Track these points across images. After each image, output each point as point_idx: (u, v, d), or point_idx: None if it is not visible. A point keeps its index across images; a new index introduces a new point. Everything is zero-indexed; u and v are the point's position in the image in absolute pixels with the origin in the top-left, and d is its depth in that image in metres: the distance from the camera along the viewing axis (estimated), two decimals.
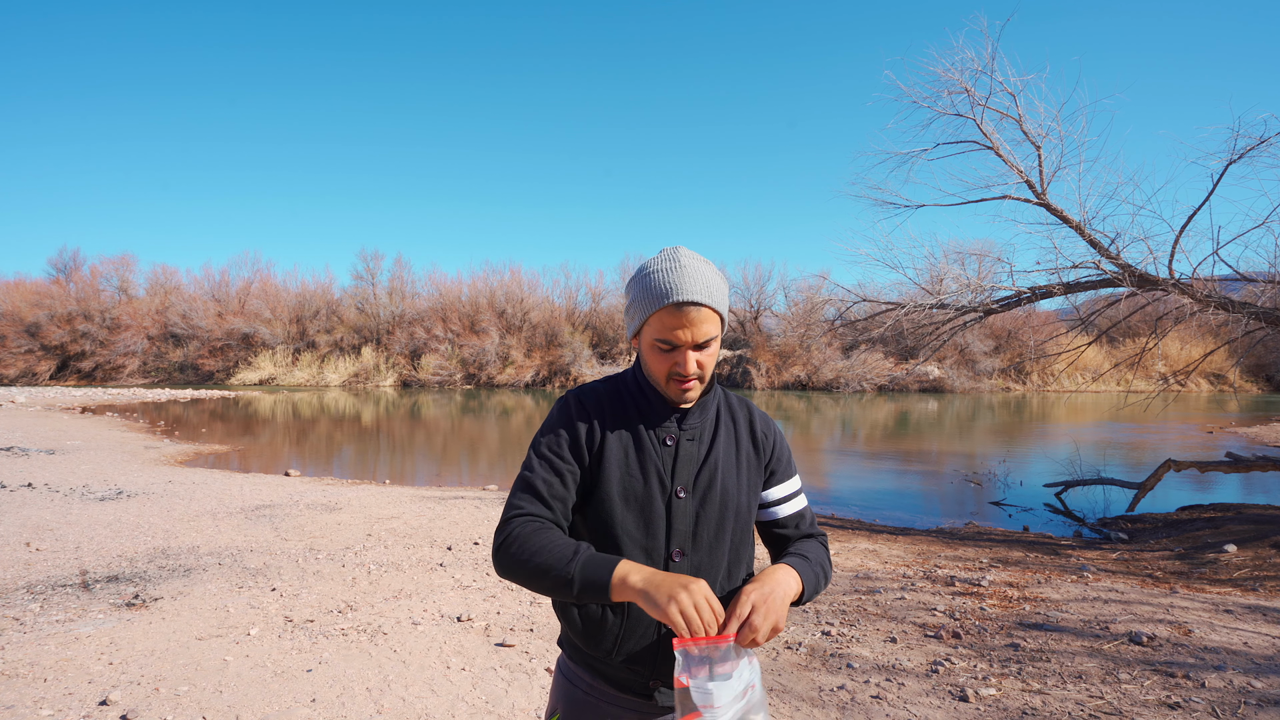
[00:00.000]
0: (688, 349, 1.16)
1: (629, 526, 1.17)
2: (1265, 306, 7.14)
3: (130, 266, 54.62)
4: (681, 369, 1.16)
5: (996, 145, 7.85)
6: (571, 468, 1.19)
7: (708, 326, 1.16)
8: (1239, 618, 3.99)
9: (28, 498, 7.81)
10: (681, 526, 1.18)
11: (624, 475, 1.18)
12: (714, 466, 1.22)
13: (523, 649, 3.65)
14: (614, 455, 1.19)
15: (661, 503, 1.18)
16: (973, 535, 7.56)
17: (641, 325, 1.20)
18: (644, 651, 1.16)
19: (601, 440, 1.20)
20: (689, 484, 1.20)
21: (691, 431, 1.23)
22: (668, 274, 1.15)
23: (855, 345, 34.74)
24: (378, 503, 8.06)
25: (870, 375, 41.01)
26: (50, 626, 3.86)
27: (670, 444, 1.21)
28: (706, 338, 1.16)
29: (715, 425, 1.26)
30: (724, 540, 1.22)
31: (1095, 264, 7.52)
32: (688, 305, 1.14)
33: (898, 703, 3.01)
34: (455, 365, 45.66)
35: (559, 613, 1.25)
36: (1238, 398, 34.70)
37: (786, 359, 44.21)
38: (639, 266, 1.23)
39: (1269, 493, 10.32)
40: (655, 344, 1.17)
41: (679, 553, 1.18)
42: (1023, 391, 42.56)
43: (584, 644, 1.19)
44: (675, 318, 1.14)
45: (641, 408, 1.23)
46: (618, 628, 1.15)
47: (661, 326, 1.15)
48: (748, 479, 1.26)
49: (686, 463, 1.20)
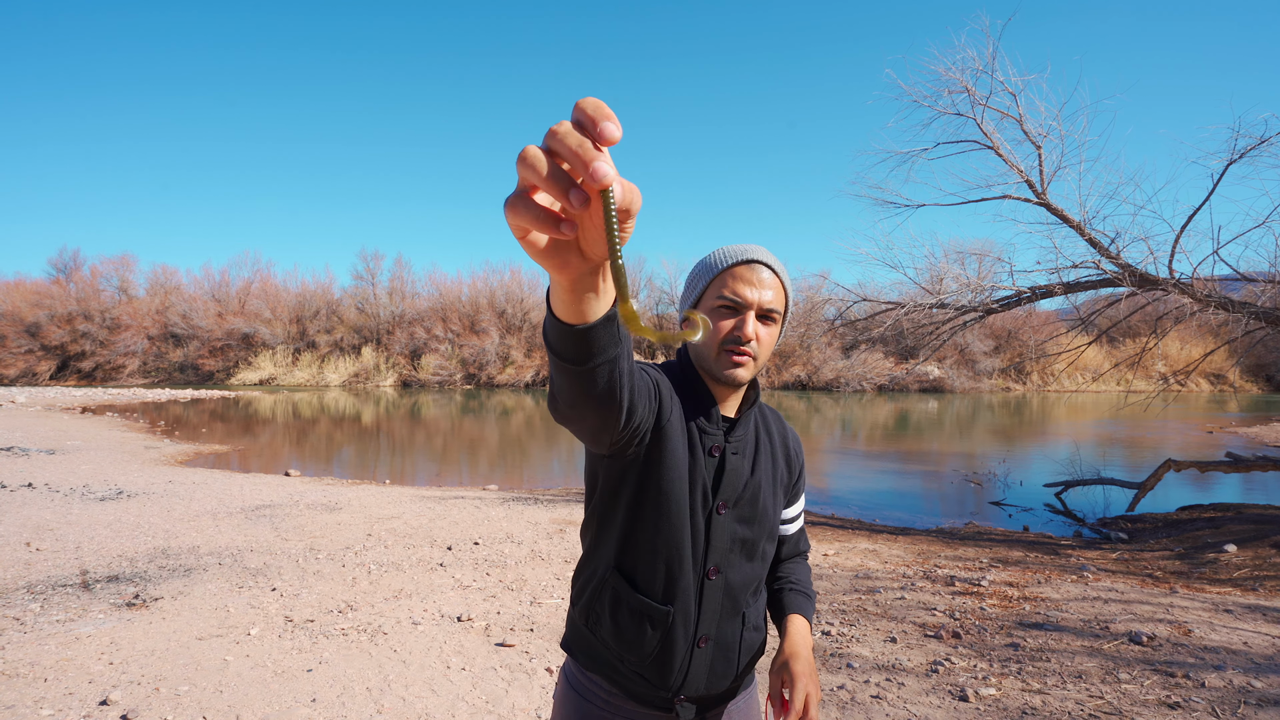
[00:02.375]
0: (751, 311, 1.10)
1: (667, 535, 1.09)
2: (1265, 306, 7.14)
3: (130, 266, 54.79)
4: (741, 331, 1.09)
5: (997, 145, 7.86)
6: (667, 393, 1.08)
7: (774, 295, 1.12)
8: (1239, 617, 4.00)
9: (28, 498, 7.81)
10: (720, 544, 1.13)
11: (675, 478, 1.09)
12: (757, 486, 1.17)
13: (523, 649, 3.65)
14: (674, 449, 1.08)
15: (702, 517, 1.12)
16: (973, 535, 7.56)
17: (703, 291, 1.15)
18: (678, 668, 1.12)
19: (669, 421, 1.09)
20: (731, 501, 1.14)
21: (737, 444, 1.16)
22: (738, 245, 1.15)
23: (855, 345, 34.72)
24: (378, 503, 8.06)
25: (870, 375, 41.01)
26: (50, 626, 3.86)
27: (715, 455, 1.13)
28: (771, 306, 1.12)
29: (756, 440, 1.21)
30: (756, 559, 1.19)
31: (1095, 264, 7.52)
32: (757, 263, 1.12)
33: (897, 702, 3.01)
34: (455, 365, 45.68)
35: (585, 611, 1.16)
36: (1238, 398, 34.70)
37: (786, 359, 44.20)
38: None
39: (1269, 493, 10.31)
40: (716, 306, 1.11)
41: (715, 570, 1.13)
42: (1023, 391, 42.55)
43: (617, 647, 1.12)
44: (744, 274, 1.11)
45: (685, 400, 1.14)
46: (656, 643, 1.10)
47: (726, 285, 1.11)
48: (778, 498, 1.24)
49: (732, 479, 1.14)
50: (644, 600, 1.09)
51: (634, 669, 1.12)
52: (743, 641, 1.19)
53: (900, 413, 27.93)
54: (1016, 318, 30.75)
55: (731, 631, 1.17)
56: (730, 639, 1.17)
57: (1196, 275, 7.25)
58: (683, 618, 1.10)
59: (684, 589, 1.10)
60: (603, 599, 1.13)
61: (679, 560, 1.09)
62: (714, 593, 1.13)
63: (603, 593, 1.13)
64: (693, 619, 1.11)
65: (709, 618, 1.13)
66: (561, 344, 0.72)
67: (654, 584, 1.10)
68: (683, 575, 1.10)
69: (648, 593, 1.10)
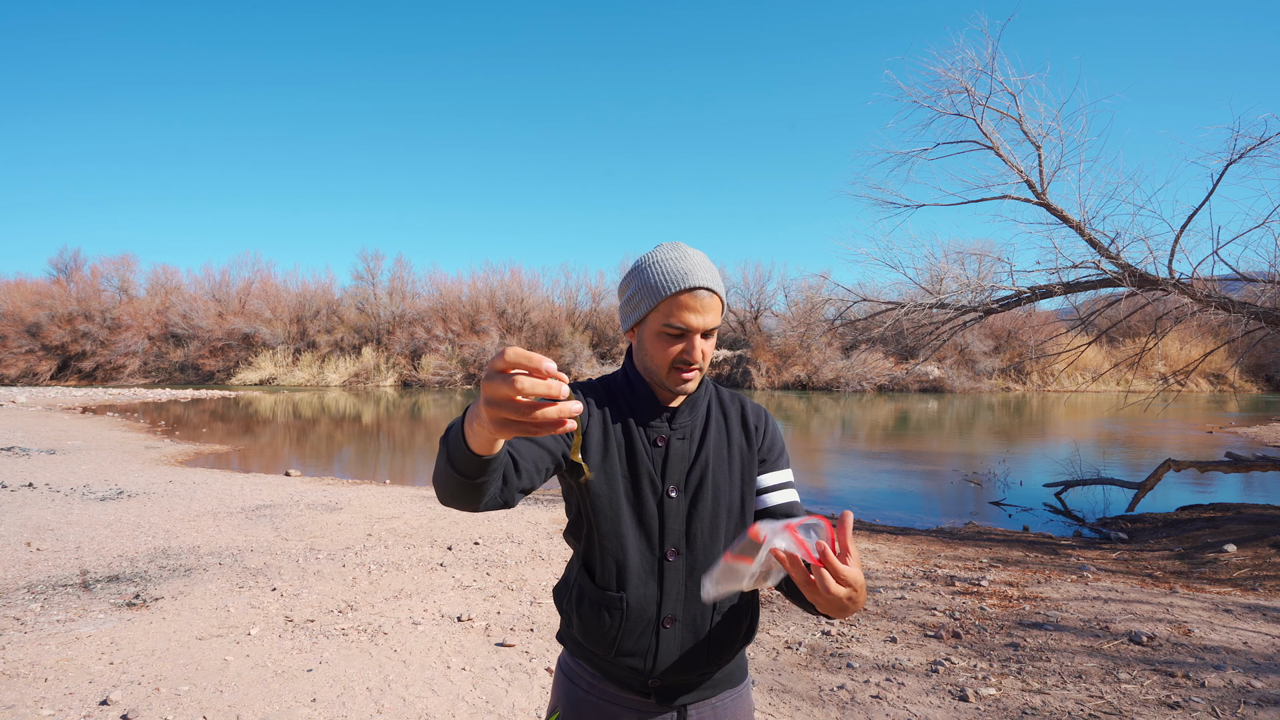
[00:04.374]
0: (697, 335, 1.16)
1: (623, 526, 1.17)
2: (1265, 306, 7.14)
3: (131, 266, 54.76)
4: (689, 355, 1.16)
5: (996, 145, 7.86)
6: (557, 443, 1.14)
7: (714, 315, 1.17)
8: (1239, 617, 4.00)
9: (28, 498, 7.81)
10: (674, 526, 1.19)
11: (614, 476, 1.18)
12: (705, 464, 1.22)
13: (523, 649, 3.65)
14: (594, 459, 1.17)
15: (653, 502, 1.18)
16: (972, 535, 7.56)
17: (647, 314, 1.18)
18: (643, 650, 1.17)
19: (588, 439, 1.19)
20: (680, 483, 1.20)
21: (682, 430, 1.23)
22: (677, 262, 1.15)
23: (855, 345, 34.72)
24: (378, 503, 8.06)
25: (870, 375, 41.01)
26: (51, 626, 3.86)
27: (661, 445, 1.20)
28: (713, 325, 1.17)
29: (706, 422, 1.26)
30: (719, 538, 1.22)
31: (1095, 264, 7.52)
32: (701, 290, 1.15)
33: (897, 702, 3.01)
34: (455, 365, 45.67)
35: (561, 608, 1.26)
36: (1238, 398, 34.70)
37: (786, 359, 44.21)
38: (637, 260, 1.22)
39: (1269, 493, 10.32)
40: (663, 331, 1.16)
41: (673, 552, 1.19)
42: (1022, 391, 42.54)
43: (584, 640, 1.21)
44: (688, 303, 1.14)
45: (633, 406, 1.22)
46: (615, 628, 1.17)
47: (672, 312, 1.15)
48: (740, 473, 1.26)
49: (677, 462, 1.20)
50: (600, 591, 1.18)
51: (605, 655, 1.19)
52: (715, 623, 1.21)
53: (900, 413, 27.93)
54: (1016, 318, 30.71)
55: (701, 612, 1.20)
56: (700, 620, 1.20)
57: (1196, 275, 7.25)
58: (642, 602, 1.17)
59: (636, 575, 1.17)
60: (572, 595, 1.24)
61: (623, 550, 1.17)
62: (675, 574, 1.19)
63: (572, 590, 1.24)
64: (654, 601, 1.18)
65: (672, 599, 1.18)
66: (465, 466, 0.88)
67: (607, 575, 1.18)
68: (629, 563, 1.17)
69: (603, 584, 1.19)
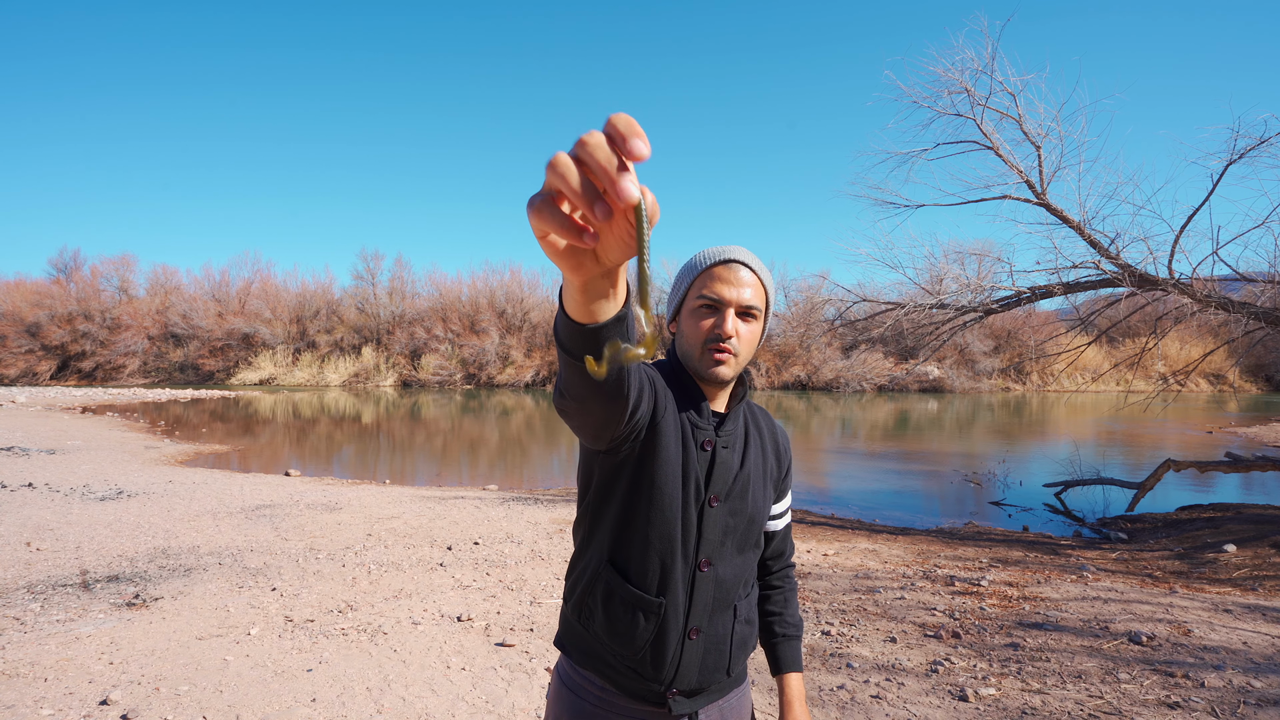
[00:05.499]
0: (730, 309, 1.14)
1: (660, 528, 1.12)
2: (1265, 306, 7.14)
3: (130, 266, 54.75)
4: (721, 329, 1.13)
5: (996, 145, 7.86)
6: (662, 390, 1.10)
7: (752, 293, 1.15)
8: (1238, 617, 4.00)
9: (28, 497, 7.81)
10: (712, 536, 1.15)
11: (669, 472, 1.12)
12: (746, 478, 1.19)
13: (523, 649, 3.65)
14: (668, 444, 1.11)
15: (695, 510, 1.14)
16: (972, 535, 7.56)
17: (684, 296, 1.20)
18: (667, 658, 1.12)
19: (664, 417, 1.12)
20: (723, 494, 1.16)
21: (727, 438, 1.19)
22: (717, 247, 1.19)
23: (855, 345, 34.75)
24: (378, 503, 8.06)
25: (870, 375, 41.01)
26: (51, 626, 3.86)
27: (707, 449, 1.16)
28: (750, 304, 1.15)
29: (746, 435, 1.24)
30: (747, 552, 1.21)
31: (1095, 264, 7.53)
32: (736, 264, 1.16)
33: (897, 702, 3.01)
34: (455, 365, 45.68)
35: (576, 613, 1.17)
36: (1238, 398, 34.72)
37: (786, 359, 44.20)
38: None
39: (1269, 493, 10.32)
40: (697, 306, 1.16)
41: (706, 562, 1.15)
42: (1022, 391, 42.55)
43: (609, 639, 1.13)
44: (722, 274, 1.15)
45: (679, 398, 1.17)
46: (649, 633, 1.11)
47: (706, 284, 1.15)
48: (767, 492, 1.25)
49: (722, 471, 1.16)
50: (636, 592, 1.11)
51: (626, 663, 1.13)
52: (734, 635, 1.20)
53: (900, 413, 27.93)
54: (1016, 318, 30.74)
55: (723, 624, 1.18)
56: (721, 632, 1.18)
57: (1196, 275, 7.26)
58: (674, 610, 1.12)
59: (676, 581, 1.12)
60: (596, 593, 1.14)
61: (671, 553, 1.11)
62: (705, 585, 1.15)
63: (596, 586, 1.14)
64: (683, 611, 1.13)
65: (700, 610, 1.14)
66: (571, 341, 0.74)
67: (647, 576, 1.11)
68: (675, 568, 1.12)
69: (640, 585, 1.11)
